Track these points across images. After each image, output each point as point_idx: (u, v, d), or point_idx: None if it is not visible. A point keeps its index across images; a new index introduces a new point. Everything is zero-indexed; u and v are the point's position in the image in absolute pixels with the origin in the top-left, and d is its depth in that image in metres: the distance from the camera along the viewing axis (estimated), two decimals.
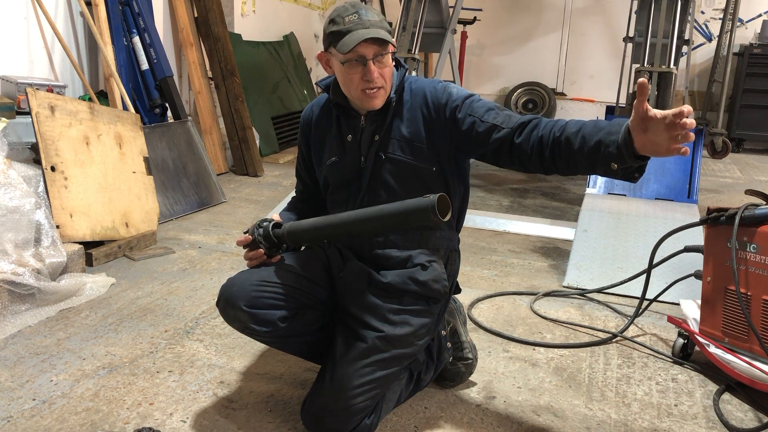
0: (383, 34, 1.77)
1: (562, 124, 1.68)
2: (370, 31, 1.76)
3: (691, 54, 7.08)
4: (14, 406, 1.96)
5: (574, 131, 1.64)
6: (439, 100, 1.87)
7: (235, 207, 4.32)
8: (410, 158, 1.87)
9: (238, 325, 1.87)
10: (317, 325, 1.94)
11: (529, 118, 1.76)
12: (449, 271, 1.98)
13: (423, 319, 1.89)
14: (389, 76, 1.84)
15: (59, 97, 3.20)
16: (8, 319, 2.47)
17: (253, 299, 1.82)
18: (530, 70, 8.90)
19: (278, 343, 1.95)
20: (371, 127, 1.90)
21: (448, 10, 5.82)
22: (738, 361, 2.11)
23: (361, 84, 1.81)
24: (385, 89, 1.85)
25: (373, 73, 1.79)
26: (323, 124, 2.01)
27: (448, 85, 1.91)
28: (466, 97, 1.85)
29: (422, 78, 1.98)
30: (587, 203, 3.89)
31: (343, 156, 1.95)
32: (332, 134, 1.97)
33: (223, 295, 1.87)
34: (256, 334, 1.87)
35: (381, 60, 1.80)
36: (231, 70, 5.13)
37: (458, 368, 2.13)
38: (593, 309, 2.88)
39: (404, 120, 1.89)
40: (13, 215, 2.64)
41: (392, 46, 1.79)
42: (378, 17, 1.81)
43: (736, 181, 5.96)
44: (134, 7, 4.25)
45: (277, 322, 1.83)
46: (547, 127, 1.70)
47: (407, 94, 1.92)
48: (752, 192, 2.26)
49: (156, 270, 3.14)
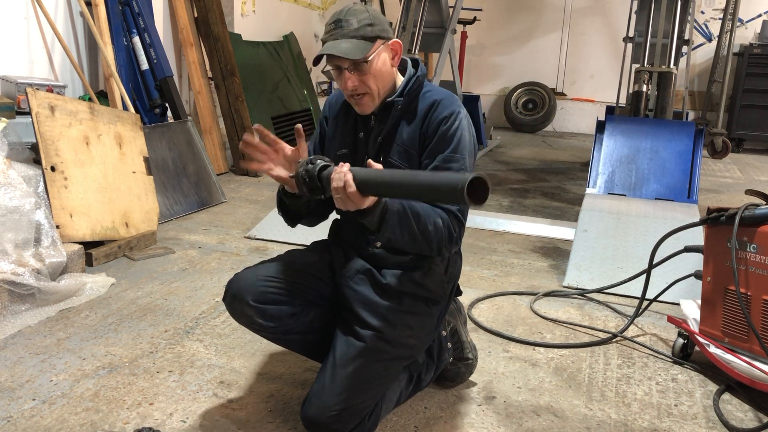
0: (342, 48, 1.72)
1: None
2: (330, 46, 1.74)
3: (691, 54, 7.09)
4: (14, 406, 1.96)
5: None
6: (436, 120, 1.82)
7: (235, 207, 4.32)
8: (405, 165, 1.86)
9: (244, 320, 1.87)
10: (321, 323, 1.94)
11: (453, 209, 1.75)
12: (449, 273, 1.97)
13: (422, 320, 1.89)
14: (375, 81, 1.80)
15: (59, 97, 3.20)
16: (8, 319, 2.47)
17: (261, 294, 1.82)
18: (530, 70, 8.91)
19: (282, 339, 1.95)
20: (378, 128, 1.89)
21: (448, 10, 5.82)
22: (738, 361, 2.11)
23: (345, 91, 1.83)
24: (372, 95, 1.82)
25: (347, 82, 1.78)
26: (342, 112, 1.99)
27: (458, 125, 1.81)
28: (454, 148, 1.79)
29: (441, 90, 1.91)
30: (587, 203, 3.89)
31: (354, 151, 1.94)
32: (347, 126, 1.96)
33: (230, 290, 1.87)
34: (262, 330, 1.87)
35: (359, 68, 1.77)
36: (231, 70, 5.14)
37: (458, 368, 2.13)
38: (593, 309, 2.88)
39: (409, 125, 1.87)
40: (13, 215, 2.64)
41: (360, 57, 1.73)
42: (357, 23, 1.75)
43: (736, 181, 5.96)
44: (134, 7, 4.25)
45: (284, 318, 1.84)
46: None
47: (420, 100, 1.88)
48: (752, 192, 2.26)
49: (156, 270, 3.14)
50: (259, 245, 3.57)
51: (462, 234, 1.81)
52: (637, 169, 4.18)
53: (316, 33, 7.73)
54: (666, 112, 4.63)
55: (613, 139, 4.35)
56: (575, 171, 6.12)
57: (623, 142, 4.31)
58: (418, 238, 1.74)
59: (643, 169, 4.17)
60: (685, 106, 6.65)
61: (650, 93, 4.72)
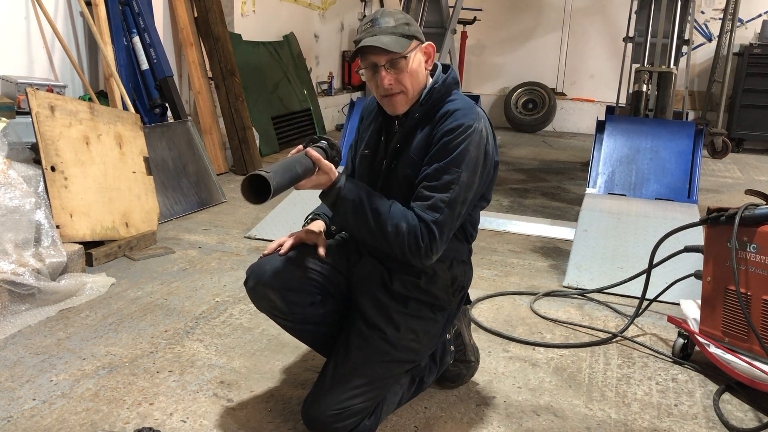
0: (383, 41, 1.73)
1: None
2: (369, 40, 1.73)
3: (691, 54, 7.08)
4: (14, 406, 1.96)
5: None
6: (443, 130, 1.79)
7: (235, 207, 4.32)
8: (410, 172, 1.84)
9: (266, 304, 1.86)
10: (335, 316, 1.94)
11: (427, 218, 1.73)
12: (458, 282, 1.95)
13: (427, 325, 1.89)
14: (410, 81, 1.79)
15: (59, 97, 3.20)
16: (8, 319, 2.47)
17: (285, 281, 1.82)
18: (530, 70, 8.90)
19: (297, 329, 1.94)
20: (398, 135, 1.88)
21: (448, 10, 5.82)
22: (738, 361, 2.11)
23: (379, 90, 1.81)
24: (407, 94, 1.80)
25: (383, 80, 1.77)
26: (373, 115, 1.99)
27: (465, 138, 1.76)
28: (451, 160, 1.75)
29: (463, 100, 1.86)
30: (587, 203, 3.89)
31: (375, 153, 1.94)
32: (375, 128, 1.96)
33: (254, 274, 1.86)
34: (281, 316, 1.87)
35: (396, 65, 1.76)
36: (231, 70, 5.14)
37: (459, 370, 2.13)
38: (593, 309, 2.88)
39: (422, 133, 1.84)
40: (13, 215, 2.64)
41: (400, 52, 1.73)
42: (395, 22, 1.76)
43: (736, 181, 5.96)
44: (134, 7, 4.25)
45: (304, 305, 1.84)
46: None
47: (442, 107, 1.84)
48: (752, 192, 2.26)
49: (156, 270, 3.14)
50: (259, 245, 3.57)
51: (436, 247, 1.74)
52: (637, 169, 4.18)
53: (316, 33, 7.73)
54: (666, 112, 4.64)
55: (613, 139, 4.35)
56: (575, 171, 6.12)
57: (623, 142, 4.31)
58: (376, 235, 1.74)
59: (643, 169, 4.17)
60: (685, 106, 6.64)
61: (650, 93, 4.72)
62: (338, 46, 8.38)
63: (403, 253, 1.75)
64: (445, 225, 1.74)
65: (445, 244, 1.78)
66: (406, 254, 1.75)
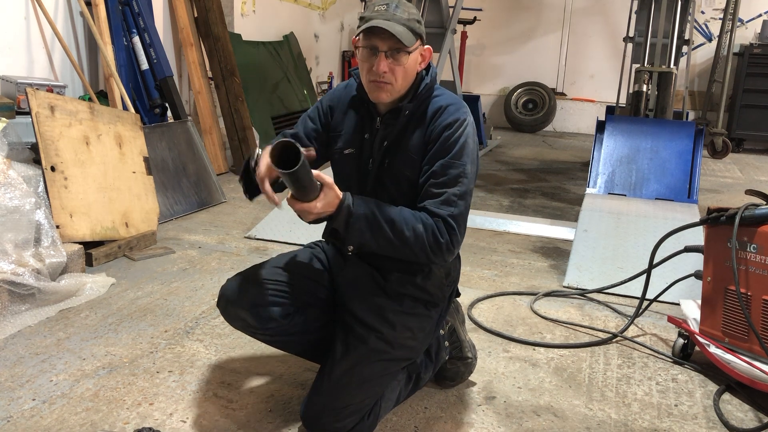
0: (396, 29, 1.70)
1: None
2: (383, 23, 1.70)
3: (691, 54, 7.09)
4: (14, 406, 1.96)
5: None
6: (440, 126, 1.80)
7: (235, 207, 4.32)
8: (409, 171, 1.84)
9: (240, 323, 1.87)
10: (318, 323, 1.94)
11: (443, 214, 1.73)
12: (451, 277, 1.96)
13: (422, 322, 1.89)
14: (403, 76, 1.78)
15: (59, 97, 3.20)
16: (8, 319, 2.47)
17: (255, 297, 1.83)
18: (530, 70, 8.90)
19: (279, 341, 1.95)
20: (384, 132, 1.86)
21: (448, 10, 5.82)
22: (738, 361, 2.11)
23: (370, 74, 1.77)
24: (394, 87, 1.79)
25: (379, 65, 1.74)
26: (350, 109, 1.95)
27: (462, 132, 1.79)
28: (455, 155, 1.77)
29: (449, 96, 1.87)
30: (587, 203, 3.89)
31: (360, 152, 1.91)
32: (353, 125, 1.92)
33: (224, 295, 1.87)
34: (258, 333, 1.88)
35: (396, 57, 1.74)
36: (231, 70, 5.13)
37: (458, 368, 2.13)
38: (593, 309, 2.88)
39: (416, 131, 1.84)
40: (13, 215, 2.63)
41: (407, 46, 1.72)
42: (408, 15, 1.75)
43: (736, 181, 5.96)
44: (134, 7, 4.25)
45: (279, 319, 1.84)
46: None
47: (428, 105, 1.85)
48: (752, 192, 2.26)
49: (156, 270, 3.14)
50: (259, 245, 3.57)
51: (456, 240, 1.76)
52: (637, 169, 4.18)
53: (316, 33, 7.73)
54: (666, 112, 4.64)
55: (613, 139, 4.35)
56: (575, 171, 6.12)
57: (623, 142, 4.31)
58: (396, 244, 1.72)
59: (643, 169, 4.17)
60: (685, 106, 6.65)
61: (650, 93, 4.72)
62: (338, 46, 8.38)
63: (426, 254, 1.74)
64: (460, 217, 1.77)
65: (463, 236, 1.80)
66: (429, 255, 1.74)
